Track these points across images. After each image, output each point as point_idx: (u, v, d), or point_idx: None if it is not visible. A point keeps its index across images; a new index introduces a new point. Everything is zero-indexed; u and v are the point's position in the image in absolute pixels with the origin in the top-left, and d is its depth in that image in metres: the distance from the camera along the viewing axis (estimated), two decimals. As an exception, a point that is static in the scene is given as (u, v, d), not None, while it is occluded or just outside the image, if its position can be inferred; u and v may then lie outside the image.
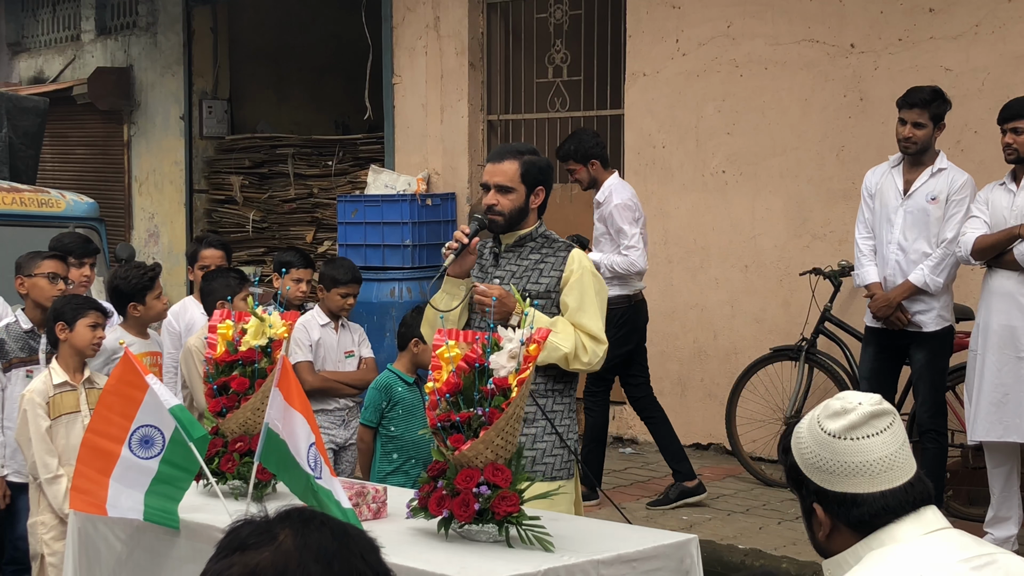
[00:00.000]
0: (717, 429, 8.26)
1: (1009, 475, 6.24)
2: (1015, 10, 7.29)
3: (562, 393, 4.50)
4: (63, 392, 5.22)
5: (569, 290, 4.43)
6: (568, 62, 9.69)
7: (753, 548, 6.45)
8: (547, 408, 4.43)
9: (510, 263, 4.54)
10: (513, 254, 4.54)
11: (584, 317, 4.42)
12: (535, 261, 4.51)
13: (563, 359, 4.37)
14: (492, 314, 4.19)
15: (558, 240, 4.59)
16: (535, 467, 4.33)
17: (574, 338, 4.37)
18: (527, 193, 4.50)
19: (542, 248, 4.53)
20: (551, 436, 4.41)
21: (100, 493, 4.09)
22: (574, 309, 4.42)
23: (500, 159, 4.55)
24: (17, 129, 9.63)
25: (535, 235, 4.55)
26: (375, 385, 5.78)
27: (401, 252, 9.72)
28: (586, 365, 4.41)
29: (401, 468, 5.67)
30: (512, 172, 4.49)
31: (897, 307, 6.42)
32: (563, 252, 4.50)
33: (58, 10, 15.18)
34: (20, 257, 6.00)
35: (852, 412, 2.45)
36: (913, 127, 6.34)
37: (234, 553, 1.68)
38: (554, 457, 4.42)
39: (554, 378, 4.46)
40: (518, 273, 4.50)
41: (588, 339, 4.40)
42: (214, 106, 13.05)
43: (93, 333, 5.26)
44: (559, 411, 4.47)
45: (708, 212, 8.57)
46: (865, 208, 6.66)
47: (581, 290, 4.43)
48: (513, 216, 4.50)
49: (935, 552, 2.37)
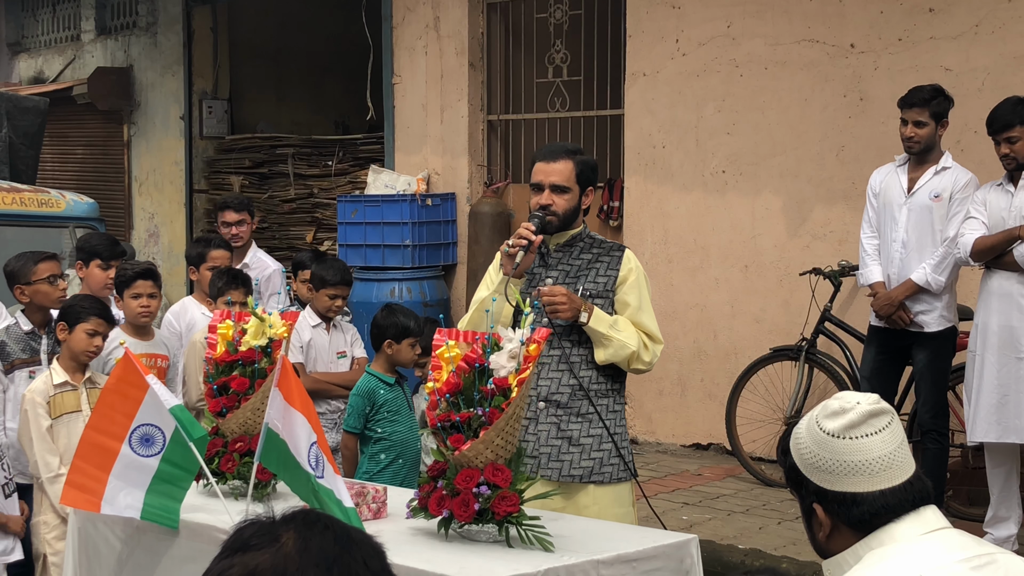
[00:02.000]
0: (717, 429, 8.26)
1: (1008, 475, 6.24)
2: (1015, 10, 7.30)
3: (619, 393, 4.55)
4: (64, 392, 5.22)
5: (628, 290, 4.45)
6: (568, 62, 9.69)
7: (753, 548, 6.45)
8: (610, 408, 4.47)
9: (562, 263, 4.51)
10: (564, 254, 4.52)
11: (644, 316, 4.46)
12: (588, 261, 4.49)
13: (627, 358, 4.40)
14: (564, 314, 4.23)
15: (606, 241, 4.59)
16: (602, 469, 4.42)
17: (638, 337, 4.41)
18: (580, 193, 4.48)
19: (592, 248, 4.52)
20: (611, 440, 4.46)
21: (97, 489, 4.08)
22: (635, 308, 4.44)
23: (554, 158, 4.47)
24: (17, 129, 9.64)
25: (583, 235, 4.55)
26: (357, 391, 5.70)
27: (401, 252, 9.72)
28: (647, 364, 4.45)
29: (389, 468, 5.65)
30: (568, 172, 4.45)
31: (899, 306, 6.43)
32: (617, 252, 4.51)
33: (58, 10, 15.19)
34: (10, 264, 5.88)
35: (851, 411, 2.45)
36: (914, 126, 6.35)
37: (236, 553, 1.69)
38: (618, 458, 4.46)
39: (612, 378, 4.49)
40: (572, 273, 4.48)
41: (648, 338, 4.45)
42: (214, 106, 13.06)
43: (90, 340, 5.25)
44: (618, 411, 4.52)
45: (708, 212, 8.57)
46: (870, 207, 6.66)
47: (640, 290, 4.47)
48: (568, 216, 4.47)
49: (935, 552, 2.37)
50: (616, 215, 9.24)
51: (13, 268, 5.85)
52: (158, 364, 5.81)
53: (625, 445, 4.51)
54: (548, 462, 4.39)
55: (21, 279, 5.78)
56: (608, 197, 9.31)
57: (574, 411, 4.42)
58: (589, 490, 4.42)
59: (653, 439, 8.86)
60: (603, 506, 4.39)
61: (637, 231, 8.92)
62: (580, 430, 4.42)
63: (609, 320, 4.37)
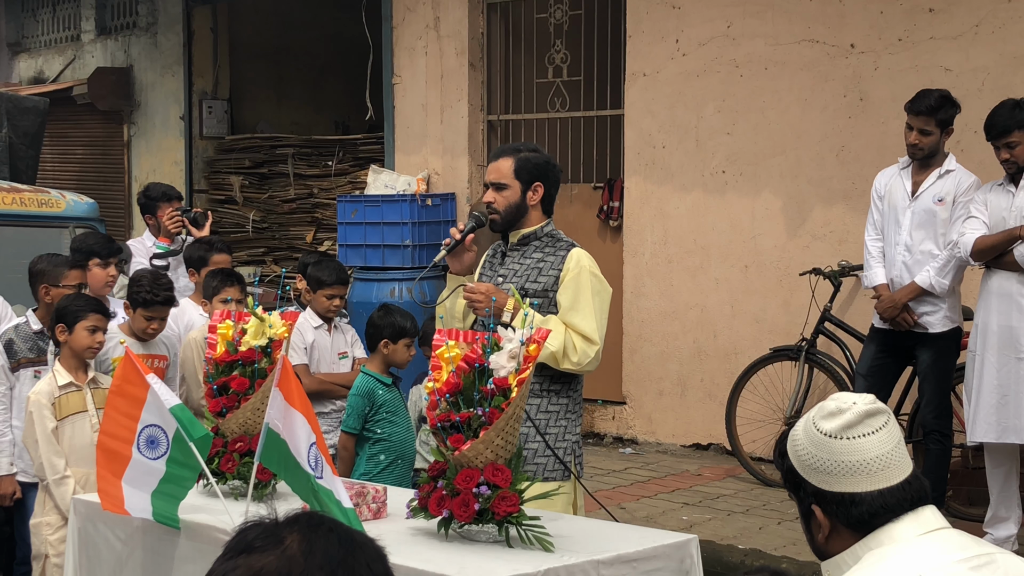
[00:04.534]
0: (717, 429, 8.26)
1: (1008, 475, 6.24)
2: (1015, 10, 7.29)
3: (559, 394, 4.49)
4: (68, 393, 5.21)
5: (564, 289, 4.44)
6: (568, 62, 9.69)
7: (753, 548, 6.45)
8: (542, 408, 4.44)
9: (514, 262, 4.56)
10: (517, 253, 4.57)
11: (576, 316, 4.41)
12: (536, 260, 4.52)
13: (551, 358, 4.36)
14: (481, 311, 4.25)
15: (563, 239, 4.58)
16: (526, 467, 4.33)
17: (563, 337, 4.37)
18: (523, 189, 4.52)
19: (545, 247, 4.54)
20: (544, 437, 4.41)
21: (119, 495, 4.13)
22: (566, 308, 4.43)
23: (496, 157, 4.61)
24: (17, 129, 9.63)
25: (540, 234, 4.56)
26: (356, 392, 5.70)
27: (401, 252, 9.72)
28: (576, 365, 4.40)
29: (388, 469, 5.65)
30: (506, 168, 4.54)
31: (903, 308, 6.42)
32: (563, 251, 4.50)
33: (58, 10, 15.18)
34: (40, 261, 5.90)
35: (847, 412, 2.46)
36: (920, 134, 6.34)
37: (240, 555, 1.69)
38: (545, 458, 4.43)
39: (551, 378, 4.46)
40: (520, 272, 4.52)
41: (580, 339, 4.39)
42: (214, 106, 13.05)
43: (92, 337, 5.25)
44: (554, 412, 4.47)
45: (708, 212, 8.57)
46: (874, 210, 6.66)
47: (576, 289, 4.43)
48: (510, 212, 4.53)
49: (934, 552, 2.37)
50: (616, 215, 9.24)
51: (43, 267, 5.87)
52: (155, 365, 5.81)
53: (564, 445, 4.45)
54: None
55: (49, 279, 5.80)
56: (608, 197, 9.31)
57: None
58: None
59: (653, 439, 8.87)
60: None
61: (637, 231, 8.92)
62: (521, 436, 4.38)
63: (539, 320, 4.23)
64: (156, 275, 5.92)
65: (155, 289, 5.67)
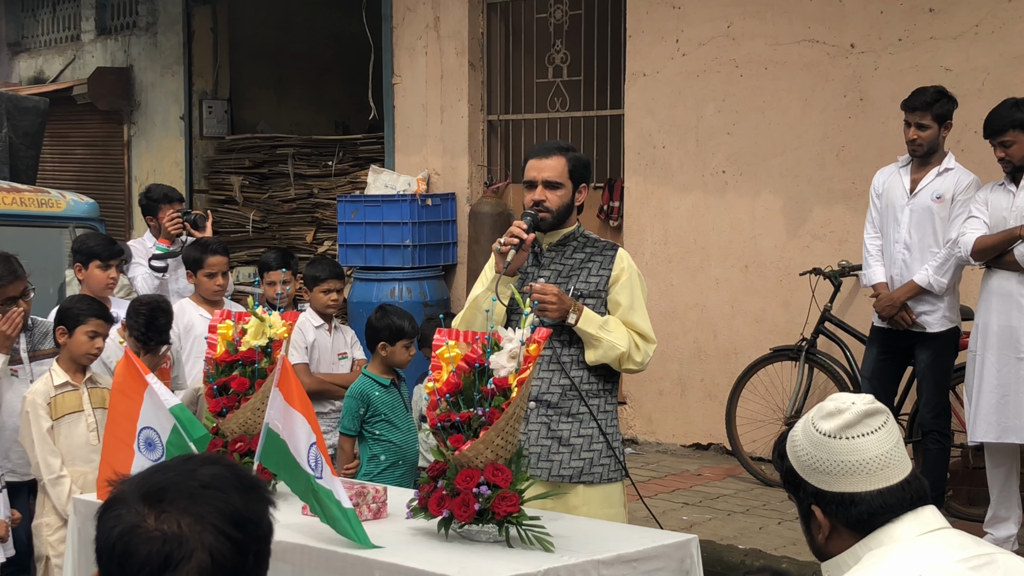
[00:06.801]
0: (717, 429, 8.26)
1: (1008, 475, 6.24)
2: (1015, 10, 7.30)
3: (611, 393, 4.52)
4: (65, 392, 5.20)
5: (620, 289, 4.43)
6: (568, 62, 9.69)
7: (753, 548, 6.45)
8: (601, 408, 4.45)
9: (554, 262, 4.48)
10: (556, 253, 4.50)
11: (635, 316, 4.43)
12: (581, 260, 4.47)
13: (618, 359, 4.37)
14: (553, 313, 4.21)
15: (600, 240, 4.56)
16: (592, 469, 4.40)
17: (628, 337, 4.38)
18: (573, 190, 4.47)
19: (585, 247, 4.49)
20: (603, 440, 4.44)
21: None
22: (626, 308, 4.42)
23: (547, 155, 4.46)
24: (17, 129, 9.63)
25: (577, 234, 4.52)
26: (351, 392, 5.67)
27: (401, 252, 9.72)
28: (639, 365, 4.43)
29: (389, 470, 5.64)
30: (560, 168, 4.44)
31: (901, 307, 6.42)
32: (610, 251, 4.48)
33: (58, 10, 15.19)
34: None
35: (846, 412, 2.46)
36: (917, 129, 6.34)
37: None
38: (609, 459, 4.45)
39: (604, 377, 4.47)
40: (564, 272, 4.46)
41: (640, 338, 4.42)
42: (214, 106, 13.06)
43: (91, 343, 5.23)
44: (609, 411, 4.50)
45: (708, 212, 8.57)
46: (873, 208, 6.66)
47: (631, 290, 4.44)
48: (561, 213, 4.45)
49: (934, 552, 2.37)
50: (616, 215, 9.24)
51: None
52: (158, 365, 5.81)
53: (617, 445, 4.49)
54: (537, 462, 4.37)
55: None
56: (608, 197, 9.31)
57: (564, 411, 4.40)
58: (579, 490, 4.40)
59: (653, 439, 8.86)
60: (592, 507, 4.37)
61: (637, 231, 8.92)
62: (570, 430, 4.40)
63: (599, 321, 4.34)
64: (152, 317, 5.51)
65: (149, 332, 5.46)
